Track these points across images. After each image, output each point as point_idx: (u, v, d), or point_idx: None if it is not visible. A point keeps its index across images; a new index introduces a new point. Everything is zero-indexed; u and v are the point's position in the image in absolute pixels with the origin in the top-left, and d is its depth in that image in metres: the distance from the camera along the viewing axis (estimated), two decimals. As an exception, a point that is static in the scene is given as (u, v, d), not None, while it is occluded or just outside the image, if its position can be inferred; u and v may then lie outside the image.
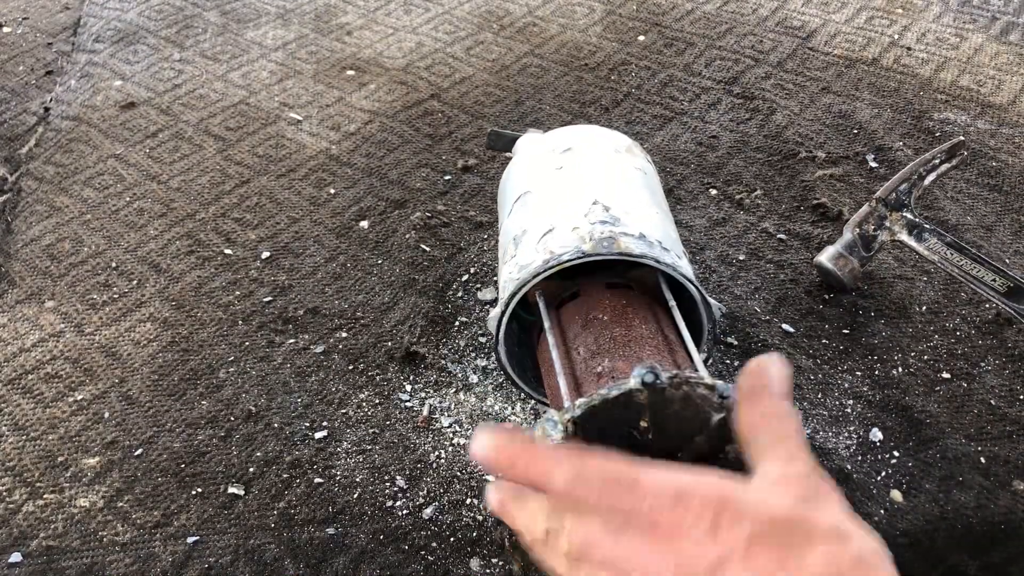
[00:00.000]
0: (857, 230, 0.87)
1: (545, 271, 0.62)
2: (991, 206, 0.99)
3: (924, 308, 0.87)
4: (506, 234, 0.73)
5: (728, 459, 0.43)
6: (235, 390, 0.81)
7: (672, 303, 0.58)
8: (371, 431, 0.77)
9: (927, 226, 0.85)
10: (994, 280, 0.80)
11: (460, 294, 0.90)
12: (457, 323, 0.87)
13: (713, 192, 1.02)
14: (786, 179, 1.04)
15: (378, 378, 0.82)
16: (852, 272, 0.86)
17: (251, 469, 0.74)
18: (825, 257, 0.87)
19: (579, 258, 0.62)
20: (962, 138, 0.92)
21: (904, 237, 0.85)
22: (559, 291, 0.60)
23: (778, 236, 0.96)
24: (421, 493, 0.72)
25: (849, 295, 0.88)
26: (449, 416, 0.78)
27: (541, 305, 0.57)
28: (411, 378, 0.82)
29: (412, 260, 0.95)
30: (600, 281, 0.58)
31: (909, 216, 0.86)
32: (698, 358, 0.52)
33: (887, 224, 0.87)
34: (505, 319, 0.64)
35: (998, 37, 1.28)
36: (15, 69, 1.32)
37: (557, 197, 0.71)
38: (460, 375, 0.82)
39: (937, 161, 0.88)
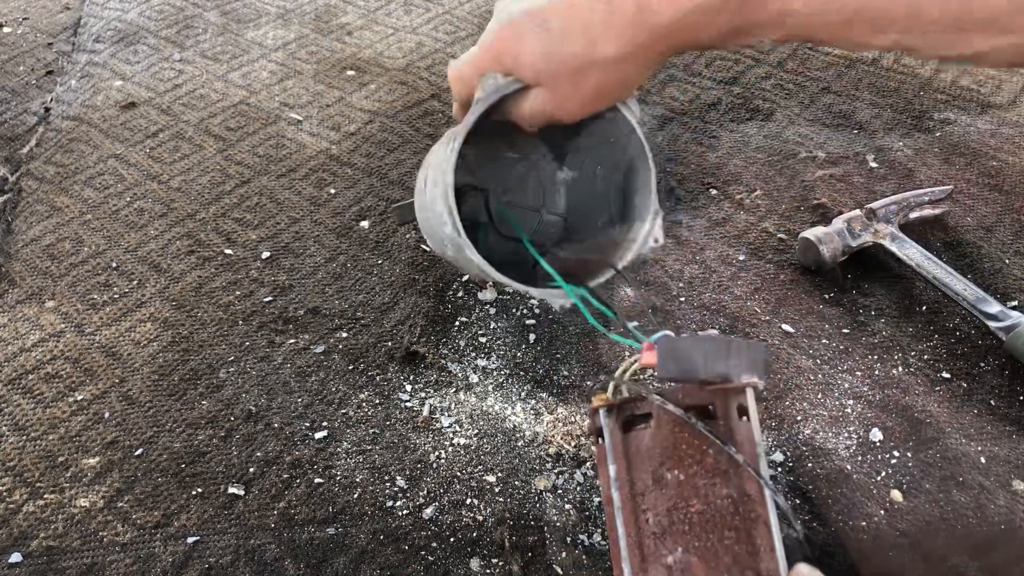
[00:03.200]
0: (845, 224, 0.91)
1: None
2: (991, 206, 0.99)
3: (924, 308, 0.87)
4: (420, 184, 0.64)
5: None
6: (235, 390, 0.81)
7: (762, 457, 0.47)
8: (371, 431, 0.77)
9: (908, 241, 0.90)
10: (964, 289, 0.84)
11: (460, 294, 0.90)
12: (457, 323, 0.87)
13: (713, 192, 1.02)
14: (786, 179, 1.04)
15: (378, 378, 0.82)
16: (834, 251, 0.89)
17: (251, 469, 0.74)
18: (811, 232, 0.90)
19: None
20: (952, 186, 0.97)
21: (886, 243, 0.90)
22: (626, 409, 0.51)
23: (778, 236, 0.96)
24: (421, 493, 0.72)
25: (849, 294, 0.88)
26: (449, 416, 0.78)
27: (606, 430, 0.49)
28: (411, 378, 0.82)
29: (412, 260, 0.95)
30: (673, 402, 0.47)
31: (892, 230, 0.91)
32: (781, 555, 0.47)
33: (873, 228, 0.91)
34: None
35: (998, 37, 1.28)
36: (15, 69, 1.32)
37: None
38: (460, 375, 0.82)
39: (925, 199, 0.94)
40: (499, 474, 0.73)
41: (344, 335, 0.86)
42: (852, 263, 0.91)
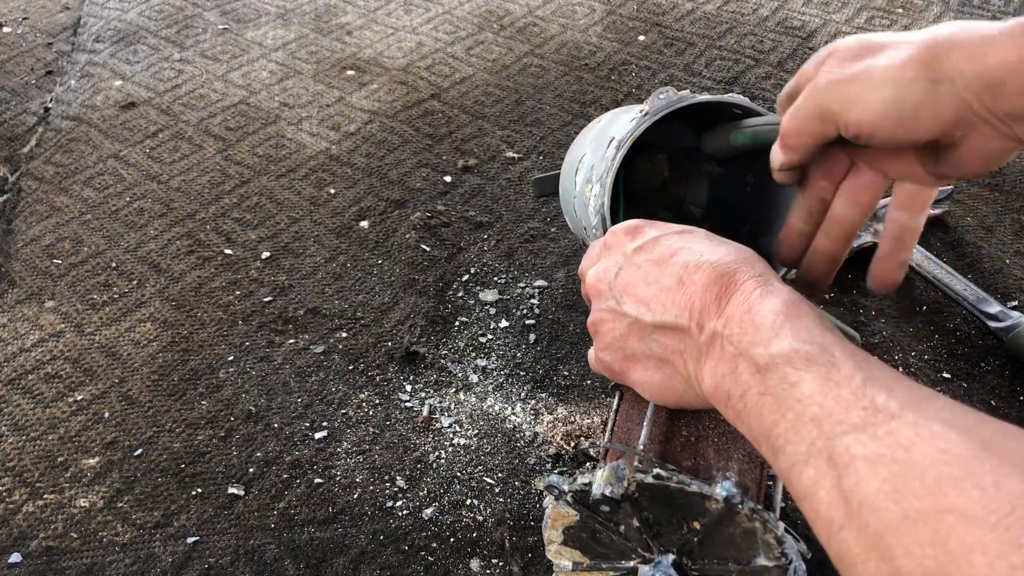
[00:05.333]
0: None
1: (638, 130, 0.56)
2: (991, 206, 0.99)
3: (925, 308, 0.87)
4: (571, 174, 0.70)
5: None
6: (235, 390, 0.81)
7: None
8: (371, 431, 0.77)
9: None
10: (964, 289, 0.84)
11: (460, 294, 0.90)
12: (457, 323, 0.87)
13: (713, 192, 1.02)
14: (786, 179, 1.04)
15: (378, 378, 0.82)
16: None
17: (251, 469, 0.74)
18: None
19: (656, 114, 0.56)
20: (952, 187, 0.97)
21: None
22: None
23: (778, 236, 0.96)
24: (421, 494, 0.72)
25: (850, 294, 0.88)
26: (449, 416, 0.78)
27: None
28: (411, 378, 0.82)
29: (412, 260, 0.95)
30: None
31: None
32: (777, 514, 0.49)
33: (872, 228, 0.91)
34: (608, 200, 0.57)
35: (998, 37, 1.28)
36: (15, 69, 1.32)
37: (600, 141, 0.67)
38: (460, 375, 0.82)
39: None
40: (499, 474, 0.73)
41: (344, 335, 0.86)
42: (852, 263, 0.91)
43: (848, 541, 0.31)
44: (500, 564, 0.67)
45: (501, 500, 0.71)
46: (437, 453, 0.75)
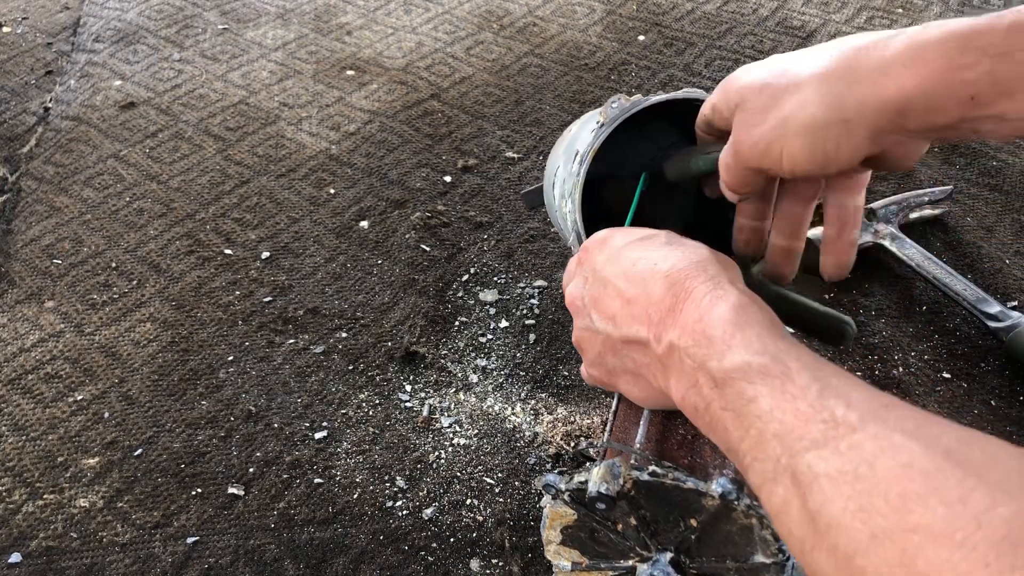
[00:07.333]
0: None
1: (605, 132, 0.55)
2: (991, 206, 0.99)
3: (924, 308, 0.87)
4: (550, 190, 0.69)
5: None
6: (235, 390, 0.81)
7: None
8: (371, 431, 0.77)
9: (908, 241, 0.90)
10: (964, 289, 0.84)
11: (460, 294, 0.90)
12: (457, 323, 0.87)
13: (713, 192, 1.02)
14: (786, 179, 1.04)
15: (378, 378, 0.82)
16: None
17: (251, 469, 0.74)
18: (812, 233, 0.91)
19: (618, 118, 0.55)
20: (952, 187, 0.97)
21: (886, 243, 0.90)
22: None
23: (778, 236, 0.96)
24: (421, 494, 0.72)
25: (849, 294, 0.88)
26: (449, 416, 0.78)
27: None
28: (411, 378, 0.82)
29: (412, 260, 0.95)
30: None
31: (892, 230, 0.91)
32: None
33: (873, 229, 0.91)
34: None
35: (998, 37, 1.28)
36: (15, 69, 1.32)
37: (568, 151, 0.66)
38: (460, 375, 0.82)
39: (925, 200, 0.94)
40: (499, 474, 0.73)
41: (344, 335, 0.86)
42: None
43: (820, 562, 0.30)
44: (500, 564, 0.67)
45: (501, 500, 0.71)
46: (437, 453, 0.75)
